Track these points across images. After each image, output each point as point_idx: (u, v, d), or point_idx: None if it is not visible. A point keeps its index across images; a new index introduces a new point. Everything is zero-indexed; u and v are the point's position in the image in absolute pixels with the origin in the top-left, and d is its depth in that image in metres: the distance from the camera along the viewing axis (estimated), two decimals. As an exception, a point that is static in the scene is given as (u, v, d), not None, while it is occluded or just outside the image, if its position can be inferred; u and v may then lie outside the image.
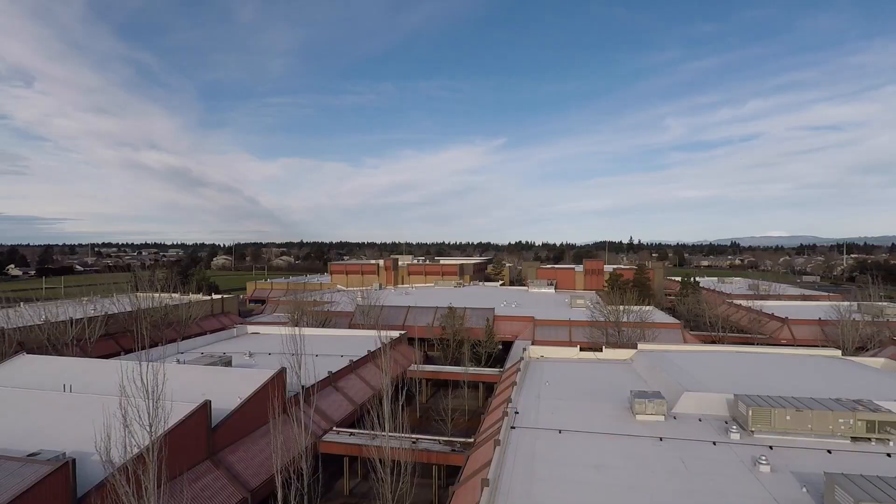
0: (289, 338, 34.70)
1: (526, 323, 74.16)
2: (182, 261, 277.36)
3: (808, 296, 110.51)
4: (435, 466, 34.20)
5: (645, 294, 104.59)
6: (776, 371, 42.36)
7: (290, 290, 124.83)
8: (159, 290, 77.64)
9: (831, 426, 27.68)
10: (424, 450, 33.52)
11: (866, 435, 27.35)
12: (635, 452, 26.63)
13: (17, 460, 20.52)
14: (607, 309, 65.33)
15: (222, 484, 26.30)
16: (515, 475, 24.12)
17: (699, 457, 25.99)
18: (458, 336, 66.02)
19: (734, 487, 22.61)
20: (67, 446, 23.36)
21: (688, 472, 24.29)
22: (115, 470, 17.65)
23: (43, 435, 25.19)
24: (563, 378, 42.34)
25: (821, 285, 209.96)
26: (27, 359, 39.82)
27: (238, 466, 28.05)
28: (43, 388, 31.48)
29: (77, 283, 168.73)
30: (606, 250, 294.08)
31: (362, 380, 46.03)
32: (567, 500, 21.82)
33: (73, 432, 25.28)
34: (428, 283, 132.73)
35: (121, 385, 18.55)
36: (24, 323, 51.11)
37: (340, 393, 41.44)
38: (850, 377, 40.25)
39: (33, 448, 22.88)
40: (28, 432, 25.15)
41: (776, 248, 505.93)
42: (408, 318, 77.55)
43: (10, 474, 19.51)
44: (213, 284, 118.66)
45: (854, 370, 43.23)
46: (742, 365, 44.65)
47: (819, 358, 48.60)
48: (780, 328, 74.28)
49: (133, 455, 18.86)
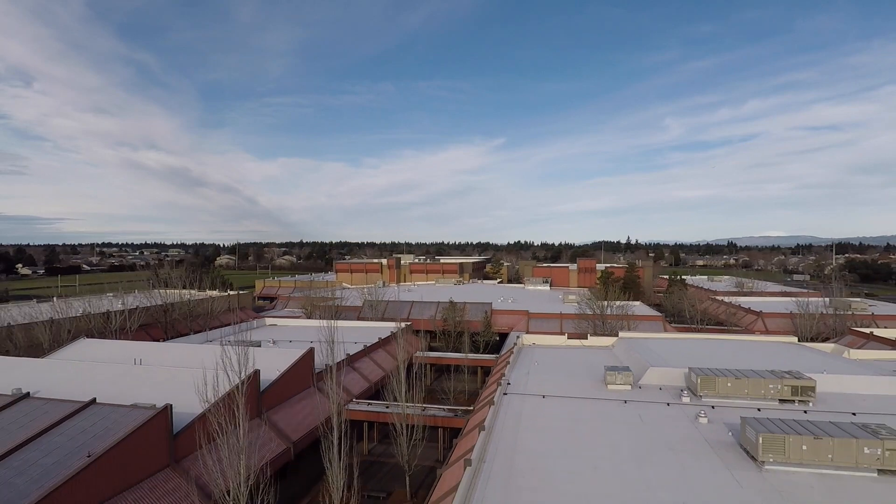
0: (314, 326, 41.13)
1: (521, 316, 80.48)
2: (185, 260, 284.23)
3: (787, 292, 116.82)
4: (440, 429, 40.57)
5: (634, 291, 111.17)
6: (735, 353, 48.77)
7: (297, 287, 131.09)
8: (180, 287, 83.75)
9: (763, 391, 34.07)
10: (432, 415, 39.91)
11: (791, 397, 33.75)
12: (604, 412, 32.99)
13: (125, 407, 26.80)
14: (594, 303, 71.68)
15: (270, 436, 32.60)
16: (506, 426, 30.46)
17: (654, 414, 32.37)
18: (459, 327, 72.27)
19: (676, 433, 28.96)
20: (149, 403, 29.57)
21: (643, 424, 30.64)
22: (207, 409, 23.96)
23: (126, 396, 31.39)
24: (550, 360, 48.68)
25: (810, 284, 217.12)
26: (87, 342, 46.12)
27: (280, 424, 34.34)
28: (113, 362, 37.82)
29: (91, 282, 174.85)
30: (602, 250, 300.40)
31: (374, 362, 52.36)
32: (545, 442, 28.13)
33: (152, 393, 31.51)
34: (429, 281, 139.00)
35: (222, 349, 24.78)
36: (72, 314, 57.27)
37: (357, 372, 47.76)
38: (795, 357, 46.69)
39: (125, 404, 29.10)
40: (117, 393, 31.32)
41: (772, 248, 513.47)
42: (412, 312, 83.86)
43: (123, 416, 25.79)
44: (228, 282, 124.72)
45: (802, 352, 49.70)
46: (707, 348, 51.10)
47: (777, 343, 55.09)
48: (755, 321, 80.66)
49: (212, 404, 25.23)
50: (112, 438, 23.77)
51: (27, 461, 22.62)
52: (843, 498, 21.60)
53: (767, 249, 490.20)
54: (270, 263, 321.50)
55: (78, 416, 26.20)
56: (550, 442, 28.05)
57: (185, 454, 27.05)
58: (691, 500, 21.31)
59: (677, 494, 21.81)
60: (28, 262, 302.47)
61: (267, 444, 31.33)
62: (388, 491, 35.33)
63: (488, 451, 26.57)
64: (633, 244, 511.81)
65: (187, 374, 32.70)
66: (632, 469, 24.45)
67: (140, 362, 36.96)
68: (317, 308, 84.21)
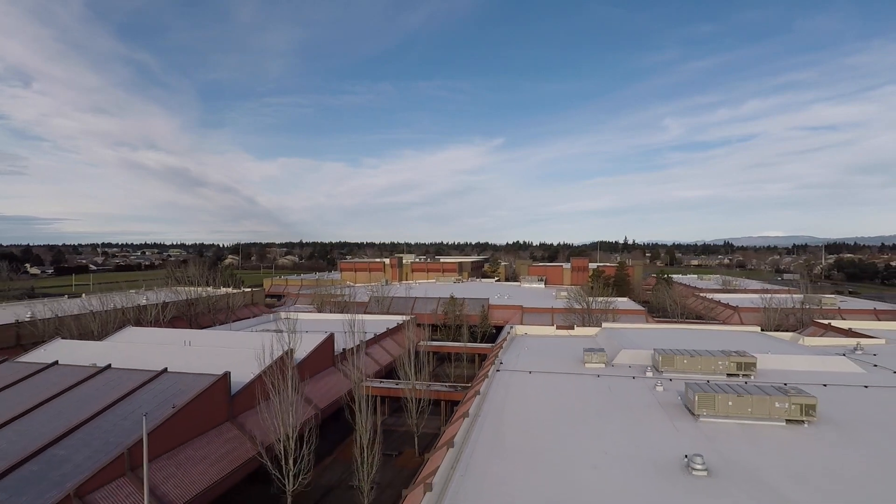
0: (326, 319, 47.64)
1: (515, 311, 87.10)
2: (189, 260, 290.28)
3: (767, 290, 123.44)
4: (442, 402, 47.17)
5: (624, 288, 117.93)
6: (703, 340, 55.34)
7: (303, 286, 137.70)
8: (200, 285, 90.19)
9: (713, 367, 40.72)
10: (435, 390, 46.52)
11: (736, 372, 40.39)
12: (579, 384, 39.58)
13: (193, 374, 33.34)
14: (582, 299, 78.31)
15: (302, 404, 39.11)
16: (497, 393, 37.04)
17: (621, 385, 38.97)
18: (458, 321, 78.81)
19: (636, 398, 35.55)
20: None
21: (610, 392, 37.24)
22: (262, 371, 30.52)
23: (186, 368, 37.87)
24: (539, 346, 55.26)
25: (798, 283, 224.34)
26: (133, 329, 52.59)
27: (310, 394, 40.85)
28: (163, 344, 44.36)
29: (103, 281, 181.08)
30: (598, 250, 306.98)
31: (383, 349, 58.93)
32: (528, 404, 34.69)
33: (206, 366, 37.98)
34: (430, 280, 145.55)
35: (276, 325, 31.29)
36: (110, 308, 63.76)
37: (369, 356, 54.30)
38: (755, 343, 53.30)
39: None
40: (178, 367, 37.78)
41: (768, 248, 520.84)
42: (415, 307, 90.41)
43: (191, 381, 32.30)
44: (240, 280, 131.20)
45: (762, 340, 56.37)
46: (679, 336, 57.70)
47: (742, 332, 61.79)
48: (731, 314, 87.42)
49: (266, 366, 31.81)
50: (186, 396, 30.33)
51: (126, 411, 29.18)
52: (758, 441, 28.12)
53: (763, 249, 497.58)
54: (273, 263, 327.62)
55: (155, 382, 32.79)
56: (533, 404, 34.62)
57: (239, 412, 33.62)
58: (639, 442, 27.86)
59: (630, 438, 28.36)
60: (35, 262, 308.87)
61: (301, 409, 37.82)
62: (399, 450, 41.86)
63: (483, 409, 33.18)
64: (631, 244, 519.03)
65: (232, 352, 39.33)
66: (597, 422, 31.03)
67: (189, 343, 43.53)
68: (327, 303, 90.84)
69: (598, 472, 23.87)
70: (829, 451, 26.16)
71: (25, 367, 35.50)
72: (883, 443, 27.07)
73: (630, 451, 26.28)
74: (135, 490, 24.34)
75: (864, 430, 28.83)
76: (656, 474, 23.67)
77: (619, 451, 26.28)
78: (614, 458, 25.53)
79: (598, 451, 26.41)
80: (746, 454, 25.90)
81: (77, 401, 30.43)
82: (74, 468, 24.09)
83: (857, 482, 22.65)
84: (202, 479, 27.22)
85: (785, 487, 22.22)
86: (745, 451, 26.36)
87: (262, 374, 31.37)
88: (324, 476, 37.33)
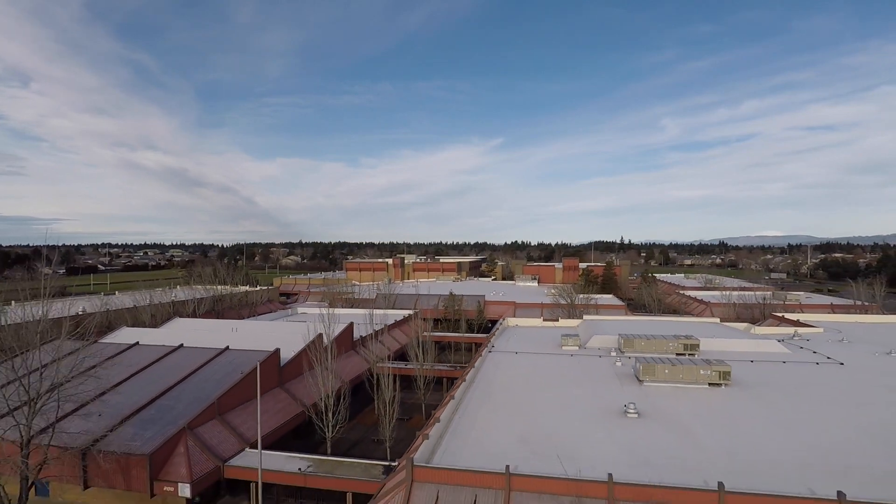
0: (338, 314, 56.67)
1: (509, 306, 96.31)
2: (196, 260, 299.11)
3: (745, 287, 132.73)
4: (444, 379, 56.35)
5: (612, 286, 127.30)
6: (666, 328, 64.51)
7: (311, 284, 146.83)
8: (224, 284, 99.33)
9: (665, 348, 49.92)
10: (439, 369, 55.69)
11: (683, 352, 49.57)
12: (555, 361, 48.77)
13: (250, 351, 42.45)
14: (567, 295, 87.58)
15: (331, 378, 48.22)
16: (488, 367, 46.22)
17: (589, 362, 48.18)
18: (457, 315, 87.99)
19: (599, 371, 44.72)
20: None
21: (579, 367, 46.42)
22: (306, 347, 39.69)
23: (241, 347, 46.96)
24: (526, 334, 64.44)
25: (785, 281, 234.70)
26: (180, 320, 61.69)
27: (337, 370, 49.99)
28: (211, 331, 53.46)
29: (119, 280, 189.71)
30: (593, 250, 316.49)
31: (392, 337, 68.10)
32: (513, 375, 43.82)
33: (256, 345, 47.06)
34: (430, 279, 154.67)
35: (320, 312, 40.43)
36: (151, 302, 72.92)
37: (382, 344, 63.46)
38: (709, 331, 62.50)
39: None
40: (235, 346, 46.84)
41: (763, 248, 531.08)
42: (418, 303, 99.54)
43: (250, 356, 41.39)
44: (255, 279, 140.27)
45: (717, 328, 65.63)
46: (647, 326, 66.90)
47: (704, 323, 71.09)
48: (704, 309, 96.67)
49: (309, 342, 40.92)
50: (248, 367, 39.46)
51: (203, 378, 38.32)
52: (682, 397, 37.28)
53: (758, 249, 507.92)
54: (277, 263, 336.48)
55: (221, 356, 41.95)
56: (516, 375, 43.82)
57: (286, 380, 42.79)
58: (594, 399, 36.98)
59: (588, 396, 37.51)
60: (45, 263, 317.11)
61: (329, 383, 46.96)
62: (410, 416, 50.96)
63: (477, 378, 42.40)
64: (627, 244, 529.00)
65: (274, 335, 48.51)
66: (567, 386, 40.19)
67: (236, 330, 52.69)
68: (338, 300, 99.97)
69: (560, 417, 33.06)
70: (730, 402, 35.43)
71: (113, 347, 44.54)
72: (770, 396, 36.38)
73: (586, 404, 35.49)
74: (223, 429, 33.52)
75: (762, 390, 38.12)
76: (602, 417, 32.86)
77: (579, 404, 35.49)
78: (574, 408, 34.73)
79: (563, 404, 35.62)
80: (671, 405, 35.12)
81: (165, 370, 39.56)
82: (179, 413, 33.22)
83: (741, 421, 31.87)
84: (265, 426, 36.37)
85: (688, 422, 31.45)
86: (670, 403, 35.57)
87: (307, 349, 40.57)
88: (350, 434, 46.46)
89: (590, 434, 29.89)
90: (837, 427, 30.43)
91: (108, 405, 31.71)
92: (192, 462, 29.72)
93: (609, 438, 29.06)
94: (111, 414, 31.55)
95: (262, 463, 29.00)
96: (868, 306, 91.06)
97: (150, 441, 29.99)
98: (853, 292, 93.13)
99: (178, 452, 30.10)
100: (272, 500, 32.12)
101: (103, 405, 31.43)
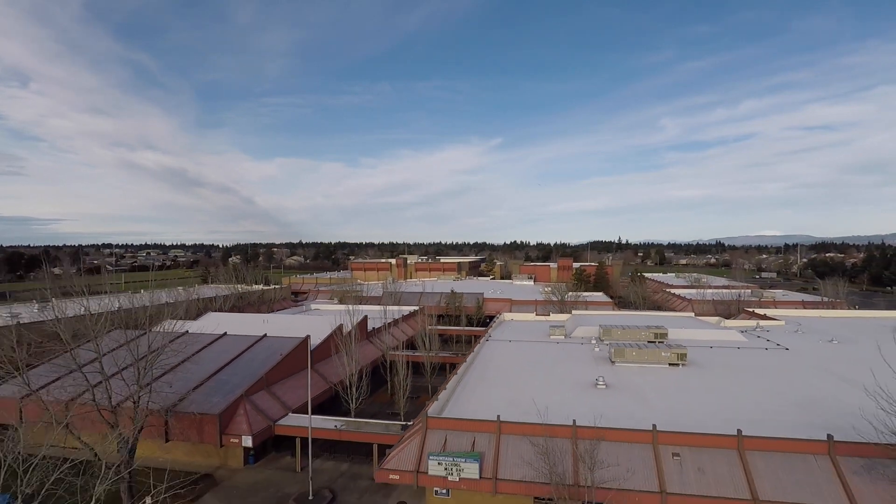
0: (363, 308, 64.47)
1: (505, 303, 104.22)
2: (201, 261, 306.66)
3: (729, 286, 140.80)
4: (447, 365, 64.28)
5: (603, 284, 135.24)
6: (644, 320, 72.41)
7: (318, 283, 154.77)
8: (242, 283, 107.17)
9: (638, 336, 57.80)
10: (443, 356, 63.62)
11: (654, 339, 57.46)
12: (543, 347, 56.66)
13: (285, 337, 50.29)
14: (559, 293, 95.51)
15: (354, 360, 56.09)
16: (485, 352, 54.12)
17: (572, 348, 56.08)
18: (458, 311, 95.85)
19: (579, 355, 52.63)
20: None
21: (563, 352, 54.32)
22: (332, 332, 47.59)
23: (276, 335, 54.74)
24: (520, 327, 72.36)
25: (774, 280, 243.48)
26: (214, 314, 69.51)
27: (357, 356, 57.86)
28: (243, 323, 61.28)
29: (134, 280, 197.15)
30: (589, 250, 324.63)
31: (401, 329, 76.03)
32: (506, 358, 51.70)
33: (288, 333, 54.89)
34: (432, 278, 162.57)
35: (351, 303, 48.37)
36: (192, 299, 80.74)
37: (391, 335, 71.38)
38: (682, 323, 70.43)
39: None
40: (271, 334, 54.61)
41: (758, 248, 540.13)
42: (421, 300, 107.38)
43: (285, 341, 49.24)
44: (268, 279, 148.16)
45: (689, 321, 73.58)
46: (628, 319, 74.78)
47: (679, 317, 79.05)
48: (686, 305, 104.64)
49: (336, 328, 48.76)
50: (286, 350, 47.34)
51: (248, 359, 46.22)
52: (645, 374, 45.11)
53: (754, 249, 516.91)
54: (281, 264, 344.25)
55: (261, 342, 49.84)
56: (509, 358, 51.72)
57: (315, 363, 50.68)
58: (573, 375, 44.82)
59: (568, 373, 45.36)
60: (54, 263, 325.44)
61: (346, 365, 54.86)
62: (418, 395, 58.82)
63: (475, 361, 50.31)
64: (625, 244, 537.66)
65: (301, 325, 56.37)
66: (550, 367, 48.07)
67: (266, 322, 60.62)
68: (347, 298, 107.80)
69: (542, 388, 40.94)
70: (682, 377, 43.38)
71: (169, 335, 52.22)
72: (716, 372, 44.37)
73: (564, 379, 43.39)
74: (270, 398, 41.46)
75: (712, 368, 46.09)
76: (576, 388, 40.76)
77: (559, 379, 43.40)
78: (554, 382, 42.63)
79: (546, 379, 43.54)
80: (634, 379, 43.02)
81: (216, 353, 47.41)
82: (235, 385, 41.09)
83: (687, 390, 39.80)
84: (302, 398, 44.28)
85: (645, 391, 39.38)
86: (634, 378, 43.48)
87: (333, 335, 48.41)
88: (368, 408, 54.29)
89: (565, 399, 37.76)
90: (761, 394, 38.38)
91: (176, 379, 39.45)
92: (250, 420, 37.59)
93: (578, 401, 36.97)
94: (180, 386, 39.34)
95: (311, 422, 36.81)
96: (836, 302, 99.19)
97: (217, 405, 37.84)
98: (821, 290, 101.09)
99: (240, 413, 37.98)
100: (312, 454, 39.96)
101: (173, 379, 39.15)
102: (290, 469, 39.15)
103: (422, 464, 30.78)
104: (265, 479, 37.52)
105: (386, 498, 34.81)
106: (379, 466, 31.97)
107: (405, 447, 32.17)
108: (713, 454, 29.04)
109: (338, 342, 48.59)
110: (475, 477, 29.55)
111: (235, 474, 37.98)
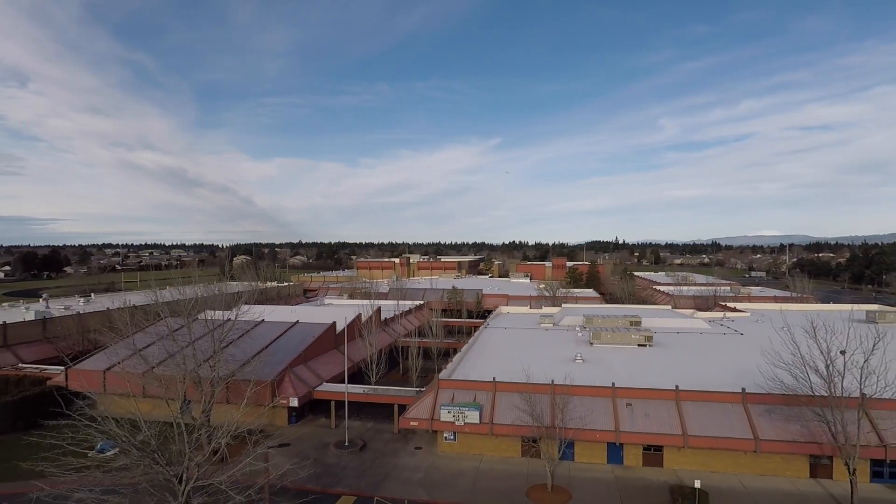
0: (359, 304, 73.58)
1: (503, 298, 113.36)
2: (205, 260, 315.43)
3: (712, 283, 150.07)
4: (451, 350, 73.44)
5: (595, 282, 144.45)
6: (623, 312, 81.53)
7: (326, 281, 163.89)
8: (258, 280, 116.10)
9: (616, 324, 66.94)
10: (447, 342, 72.84)
11: (630, 326, 66.61)
12: (534, 333, 65.77)
13: (315, 323, 59.36)
14: (551, 289, 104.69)
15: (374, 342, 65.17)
16: (484, 337, 63.26)
17: (558, 333, 65.23)
18: (459, 306, 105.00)
19: (564, 339, 61.76)
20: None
21: (551, 337, 63.44)
22: (354, 318, 56.76)
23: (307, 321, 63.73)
24: (515, 318, 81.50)
25: (762, 279, 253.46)
26: (245, 307, 78.42)
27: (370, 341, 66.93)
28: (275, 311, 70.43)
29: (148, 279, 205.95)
30: (585, 250, 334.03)
31: (408, 321, 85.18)
32: (501, 343, 60.80)
33: (317, 320, 63.88)
34: (434, 276, 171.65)
35: (367, 298, 57.54)
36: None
37: (401, 325, 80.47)
38: (659, 314, 79.63)
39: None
40: (302, 321, 63.63)
41: (753, 248, 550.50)
42: (425, 296, 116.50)
43: (315, 327, 58.27)
44: (281, 276, 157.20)
45: (666, 313, 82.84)
46: (609, 310, 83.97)
47: (657, 309, 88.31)
48: (668, 300, 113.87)
49: (350, 321, 57.89)
50: (317, 333, 56.38)
51: (286, 340, 55.30)
52: (617, 352, 54.16)
53: (748, 249, 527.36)
54: (285, 263, 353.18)
55: (294, 327, 58.94)
56: (504, 341, 60.84)
57: (339, 345, 59.78)
58: (557, 353, 53.86)
59: (553, 352, 54.43)
60: (65, 263, 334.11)
61: (366, 349, 63.98)
62: (426, 375, 67.87)
63: (476, 343, 59.46)
64: (622, 244, 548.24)
65: (325, 315, 65.49)
66: (538, 347, 57.17)
67: (293, 311, 69.66)
68: (356, 294, 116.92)
69: (530, 362, 49.95)
70: (646, 354, 52.55)
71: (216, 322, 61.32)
72: (676, 351, 53.58)
73: (549, 356, 52.51)
74: (307, 370, 50.58)
75: (673, 348, 55.29)
76: (558, 362, 49.86)
77: (544, 356, 52.52)
78: (540, 358, 51.73)
79: (534, 356, 52.67)
80: (607, 356, 52.16)
81: (258, 336, 56.42)
82: (279, 360, 50.15)
83: (648, 363, 48.97)
84: (332, 372, 53.31)
85: (613, 364, 48.53)
86: (607, 355, 52.62)
87: (355, 320, 57.56)
88: (383, 385, 63.36)
89: (548, 370, 46.83)
90: (707, 366, 47.59)
91: (229, 355, 48.47)
92: (295, 386, 46.69)
93: (558, 371, 46.05)
94: (234, 360, 48.37)
95: (347, 387, 45.79)
96: (805, 297, 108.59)
97: (268, 374, 46.89)
98: (790, 287, 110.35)
99: (286, 381, 47.06)
100: (341, 416, 49.01)
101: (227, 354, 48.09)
102: (326, 427, 48.23)
103: (435, 413, 39.92)
104: (307, 432, 46.63)
105: (406, 444, 43.89)
106: (402, 416, 41.13)
107: (422, 402, 41.33)
108: (657, 404, 38.27)
109: (360, 327, 57.66)
110: (476, 422, 38.71)
111: (282, 430, 47.07)
